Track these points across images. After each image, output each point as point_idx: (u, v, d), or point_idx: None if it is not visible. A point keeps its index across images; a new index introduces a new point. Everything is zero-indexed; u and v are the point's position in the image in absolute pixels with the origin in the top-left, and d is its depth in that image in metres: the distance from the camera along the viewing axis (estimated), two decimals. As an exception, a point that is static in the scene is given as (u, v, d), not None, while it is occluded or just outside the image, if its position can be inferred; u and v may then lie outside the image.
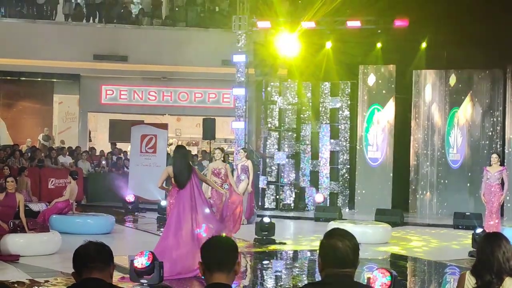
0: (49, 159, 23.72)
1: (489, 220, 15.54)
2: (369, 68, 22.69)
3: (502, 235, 4.74)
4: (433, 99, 22.26)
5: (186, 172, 11.27)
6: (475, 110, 21.82)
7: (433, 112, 22.27)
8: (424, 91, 22.38)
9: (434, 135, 22.21)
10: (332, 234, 3.77)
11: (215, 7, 28.50)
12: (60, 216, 16.41)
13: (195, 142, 30.62)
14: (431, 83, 22.32)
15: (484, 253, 4.63)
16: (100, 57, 26.72)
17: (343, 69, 23.57)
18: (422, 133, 22.36)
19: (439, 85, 22.22)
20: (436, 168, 22.13)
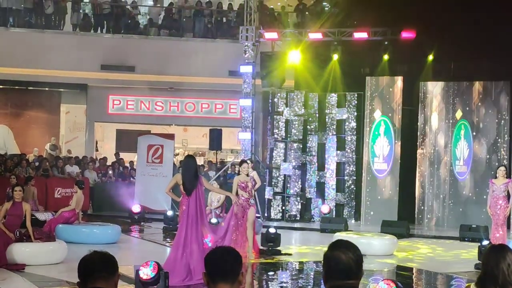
0: (56, 169, 23.77)
1: (495, 232, 15.49)
2: (376, 79, 22.69)
3: (507, 247, 4.71)
4: (440, 111, 22.25)
5: (193, 180, 11.93)
6: (482, 122, 21.78)
7: (439, 124, 22.25)
8: (431, 103, 22.37)
9: (441, 147, 22.18)
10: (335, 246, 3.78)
11: (222, 18, 28.57)
12: (66, 226, 16.44)
13: (202, 152, 30.65)
14: (438, 95, 22.30)
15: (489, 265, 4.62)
16: (108, 67, 26.80)
17: (350, 80, 23.59)
18: (428, 145, 22.33)
19: (446, 96, 22.20)
20: (443, 180, 22.09)
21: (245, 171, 15.02)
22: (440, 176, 22.14)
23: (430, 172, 22.26)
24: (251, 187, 15.01)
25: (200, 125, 28.63)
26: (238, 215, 14.56)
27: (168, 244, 17.37)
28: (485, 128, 21.75)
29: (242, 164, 15.44)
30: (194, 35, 27.70)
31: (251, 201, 14.82)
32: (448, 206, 22.02)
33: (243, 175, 14.99)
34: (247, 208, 14.64)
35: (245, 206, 14.60)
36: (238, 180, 15.00)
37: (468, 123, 21.90)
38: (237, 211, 14.56)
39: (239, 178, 15.08)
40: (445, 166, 22.08)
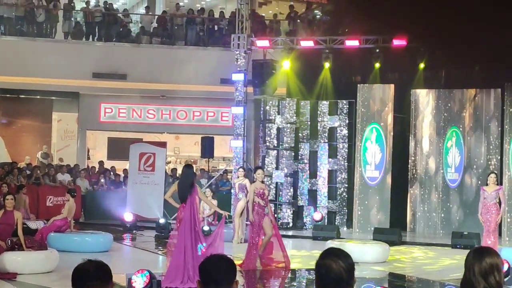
0: (48, 177, 23.73)
1: (486, 239, 15.55)
2: (367, 87, 22.74)
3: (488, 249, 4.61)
4: (431, 118, 22.31)
5: (188, 188, 12.37)
6: (473, 129, 21.86)
7: (431, 131, 22.31)
8: (423, 110, 22.44)
9: (432, 155, 22.24)
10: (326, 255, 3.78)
11: (214, 26, 28.60)
12: (58, 234, 16.40)
13: (194, 160, 30.62)
14: (430, 103, 22.37)
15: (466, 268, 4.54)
16: (99, 75, 26.79)
17: (341, 88, 23.66)
18: (420, 152, 22.39)
19: (437, 104, 22.28)
20: (434, 187, 22.15)
21: (260, 177, 14.75)
22: (432, 183, 22.19)
23: (422, 179, 22.31)
24: (268, 195, 14.81)
25: (192, 133, 28.63)
26: (255, 223, 14.36)
27: (160, 252, 17.35)
28: (476, 135, 21.82)
29: (257, 170, 15.15)
30: (186, 43, 27.72)
31: (266, 209, 14.55)
32: (440, 213, 22.06)
33: (259, 182, 14.68)
34: (263, 216, 14.43)
35: (261, 214, 14.39)
36: (254, 188, 14.65)
37: (459, 130, 21.97)
38: (253, 219, 14.36)
39: (255, 185, 14.70)
40: (437, 173, 22.14)
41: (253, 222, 14.38)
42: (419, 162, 22.37)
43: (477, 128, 21.81)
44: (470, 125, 21.89)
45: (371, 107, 22.51)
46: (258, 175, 14.74)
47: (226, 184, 25.06)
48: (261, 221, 14.34)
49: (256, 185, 14.64)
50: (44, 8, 27.31)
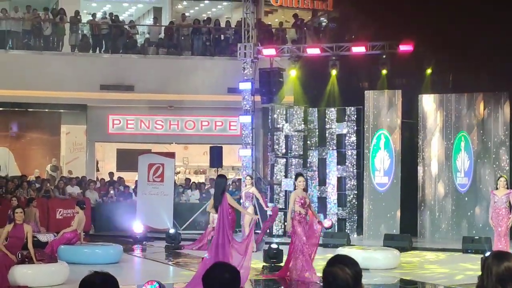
0: (57, 190, 23.77)
1: (498, 243, 15.49)
2: (375, 93, 22.72)
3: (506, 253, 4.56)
4: (439, 123, 22.27)
5: (219, 197, 13.11)
6: (481, 134, 21.80)
7: (439, 136, 22.26)
8: (430, 115, 22.39)
9: (441, 159, 22.18)
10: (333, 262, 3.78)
11: (220, 35, 28.65)
12: (68, 247, 16.42)
13: (203, 170, 30.64)
14: (437, 108, 22.33)
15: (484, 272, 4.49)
16: (107, 87, 26.83)
17: (349, 94, 23.63)
18: (429, 157, 22.34)
19: (445, 109, 22.23)
20: (444, 192, 22.08)
21: (301, 185, 14.23)
22: (442, 188, 22.12)
23: (432, 184, 22.25)
24: (308, 204, 14.31)
25: (201, 143, 28.62)
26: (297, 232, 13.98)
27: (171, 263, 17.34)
28: (485, 139, 21.75)
29: (297, 177, 14.57)
30: (192, 53, 27.75)
31: (307, 218, 14.18)
32: (450, 218, 21.99)
33: (300, 190, 14.18)
34: (305, 224, 14.07)
35: (303, 223, 14.02)
36: (296, 196, 14.19)
37: (468, 135, 21.91)
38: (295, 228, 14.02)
39: (296, 193, 14.23)
40: (446, 178, 22.07)
41: (295, 232, 13.98)
42: (428, 167, 22.31)
43: (486, 132, 21.74)
44: (479, 129, 21.82)
45: (379, 113, 22.48)
46: (300, 182, 14.24)
47: (235, 193, 24.98)
48: (304, 229, 13.97)
49: (298, 193, 14.18)
50: (51, 22, 27.41)
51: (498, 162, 21.51)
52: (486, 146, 21.71)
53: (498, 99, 21.69)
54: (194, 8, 32.66)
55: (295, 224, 13.98)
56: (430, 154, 22.32)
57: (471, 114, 21.98)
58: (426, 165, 22.34)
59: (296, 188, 14.39)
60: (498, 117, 21.62)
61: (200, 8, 32.70)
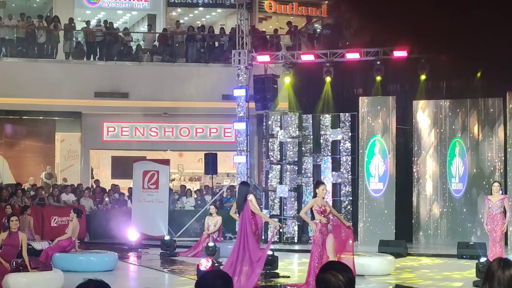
0: (52, 197, 23.73)
1: (492, 249, 15.50)
2: (369, 99, 22.74)
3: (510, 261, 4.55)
4: (434, 129, 22.30)
5: (241, 203, 13.80)
6: (475, 139, 21.83)
7: (434, 142, 22.29)
8: (425, 121, 22.42)
9: (436, 165, 22.20)
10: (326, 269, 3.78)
11: (214, 42, 28.68)
12: (63, 254, 16.38)
13: (198, 177, 30.64)
14: (432, 113, 22.36)
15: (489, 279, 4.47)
16: (101, 95, 26.83)
17: (343, 101, 23.67)
18: (424, 163, 22.36)
19: (439, 115, 22.26)
20: (439, 198, 22.10)
21: (322, 193, 13.53)
22: (436, 194, 22.14)
23: (426, 190, 22.27)
24: (328, 212, 13.52)
25: (195, 150, 28.65)
26: (318, 242, 13.32)
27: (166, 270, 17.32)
28: (479, 144, 21.79)
29: (319, 185, 13.75)
30: (187, 60, 27.78)
31: (329, 226, 13.46)
32: (445, 224, 22.01)
33: (320, 198, 13.47)
34: (326, 234, 13.34)
35: (324, 232, 13.32)
36: (314, 204, 13.48)
37: (462, 140, 21.95)
38: (316, 238, 13.39)
39: (315, 201, 13.49)
40: (441, 183, 22.09)
41: (315, 241, 13.41)
42: (423, 173, 22.33)
43: (480, 137, 21.78)
44: (473, 135, 21.86)
45: (373, 119, 22.51)
46: (322, 191, 13.56)
47: (230, 200, 25.04)
48: (325, 239, 13.28)
49: (317, 201, 13.46)
50: (45, 29, 27.42)
51: (492, 168, 21.53)
52: (480, 152, 21.73)
53: (492, 105, 21.71)
54: (188, 15, 32.70)
55: (316, 234, 13.39)
56: (424, 160, 22.35)
57: (466, 120, 22.01)
58: (420, 171, 22.36)
59: (316, 196, 13.59)
60: (492, 123, 21.65)
61: (194, 15, 32.75)
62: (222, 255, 17.85)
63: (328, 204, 13.83)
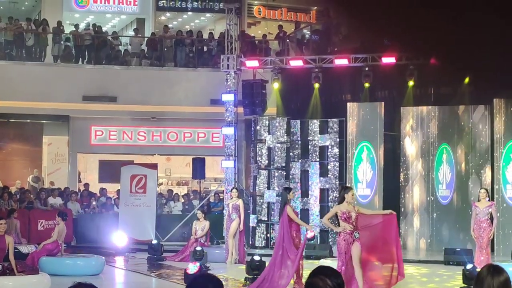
0: (39, 201, 23.65)
1: (479, 255, 15.57)
2: (357, 105, 22.79)
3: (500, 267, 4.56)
4: (421, 135, 22.36)
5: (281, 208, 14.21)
6: (463, 146, 21.91)
7: (422, 149, 22.34)
8: (413, 127, 22.49)
9: (423, 172, 22.26)
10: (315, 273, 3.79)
11: (203, 47, 28.68)
12: (49, 258, 16.33)
13: (185, 181, 30.61)
14: (419, 120, 22.42)
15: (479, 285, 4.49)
16: (90, 98, 26.76)
17: (331, 106, 23.71)
18: (411, 169, 22.41)
19: (427, 121, 22.33)
20: (426, 204, 22.15)
21: (352, 199, 12.65)
22: (424, 200, 22.19)
23: (414, 196, 22.32)
24: (356, 218, 12.55)
25: (183, 154, 28.61)
26: (341, 250, 12.60)
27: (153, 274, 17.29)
28: (466, 151, 21.85)
29: (348, 191, 12.84)
30: (175, 65, 27.77)
31: (355, 234, 12.48)
32: (432, 230, 22.06)
33: (345, 204, 12.57)
34: (351, 243, 12.48)
35: (348, 240, 12.49)
36: (338, 210, 12.66)
37: (449, 147, 22.02)
38: (339, 246, 12.70)
39: (339, 207, 12.64)
40: (428, 190, 22.15)
41: (339, 249, 12.75)
42: (410, 179, 22.38)
43: (467, 144, 21.85)
44: (460, 141, 21.93)
45: (361, 125, 22.55)
46: (352, 196, 12.71)
47: (218, 205, 25.04)
48: (349, 248, 12.46)
49: (341, 208, 12.62)
50: (33, 32, 27.35)
51: (480, 174, 21.61)
52: (468, 158, 21.81)
53: (480, 112, 21.79)
54: (177, 19, 32.71)
55: (340, 242, 12.64)
56: (412, 166, 22.40)
57: (453, 126, 22.08)
58: (408, 177, 22.41)
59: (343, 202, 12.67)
60: (480, 130, 21.73)
61: (183, 20, 32.76)
62: (210, 259, 17.86)
63: (356, 209, 12.68)
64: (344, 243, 12.49)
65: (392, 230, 12.98)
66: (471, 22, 18.07)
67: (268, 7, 31.76)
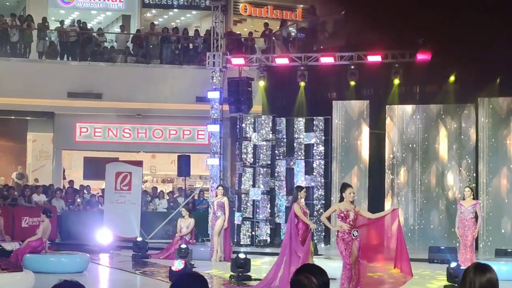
0: (23, 198, 23.53)
1: (464, 254, 15.63)
2: (343, 103, 22.82)
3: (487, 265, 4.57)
4: (407, 133, 22.40)
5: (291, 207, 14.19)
6: (448, 144, 21.97)
7: (407, 147, 22.39)
8: (398, 126, 22.52)
9: (409, 170, 22.31)
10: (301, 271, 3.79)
11: (189, 44, 28.63)
12: (33, 255, 16.25)
13: (170, 179, 30.56)
14: (405, 118, 22.47)
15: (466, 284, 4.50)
16: (75, 95, 26.65)
17: (317, 105, 23.73)
18: (396, 167, 22.46)
19: (412, 119, 22.37)
20: (412, 202, 22.21)
21: (350, 197, 12.20)
22: (409, 198, 22.25)
23: (399, 194, 22.36)
24: (354, 218, 12.11)
25: (168, 152, 28.55)
26: (341, 249, 12.13)
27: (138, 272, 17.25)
28: (452, 150, 21.92)
29: (346, 188, 12.38)
30: (161, 62, 27.70)
31: (353, 233, 12.05)
32: (417, 228, 22.11)
33: (345, 203, 12.19)
34: (350, 241, 12.05)
35: (346, 240, 12.06)
36: (337, 208, 12.33)
37: (434, 145, 22.07)
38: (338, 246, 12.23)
39: (339, 205, 12.32)
40: (413, 187, 22.20)
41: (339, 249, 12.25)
42: (395, 177, 22.43)
43: (452, 143, 21.93)
44: (446, 140, 22.00)
45: (347, 123, 22.58)
46: (350, 194, 12.23)
47: (203, 202, 25.02)
48: (348, 248, 12.04)
49: (340, 206, 12.27)
50: (18, 28, 27.20)
51: (464, 172, 21.69)
52: (452, 157, 21.88)
53: (464, 110, 21.86)
54: (163, 16, 32.62)
55: (339, 241, 12.17)
56: (397, 164, 22.44)
57: (438, 124, 22.15)
58: (393, 175, 22.46)
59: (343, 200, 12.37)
60: (465, 128, 21.80)
61: (169, 17, 32.68)
62: (195, 257, 17.84)
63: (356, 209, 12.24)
64: (342, 243, 12.07)
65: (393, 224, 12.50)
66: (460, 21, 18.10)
67: (254, 5, 31.73)
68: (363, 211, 12.67)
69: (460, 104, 21.95)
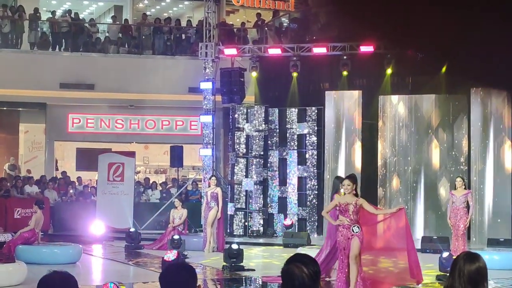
0: (15, 189, 23.50)
1: (455, 243, 15.69)
2: (335, 94, 22.81)
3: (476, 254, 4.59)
4: (399, 123, 22.42)
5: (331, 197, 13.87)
6: (441, 135, 22.00)
7: (399, 137, 22.41)
8: (390, 115, 22.53)
9: (401, 159, 22.33)
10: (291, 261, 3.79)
11: (181, 34, 28.57)
12: (26, 246, 16.24)
13: (163, 170, 30.55)
14: (397, 108, 22.48)
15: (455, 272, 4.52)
16: (67, 86, 26.59)
17: (309, 95, 23.73)
18: (389, 157, 22.48)
19: (405, 109, 22.38)
20: (404, 191, 22.24)
21: (348, 189, 11.63)
22: (402, 188, 22.28)
23: (391, 184, 22.39)
24: (354, 211, 11.54)
25: (161, 143, 28.54)
26: (340, 247, 11.66)
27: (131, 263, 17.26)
28: (444, 140, 21.95)
29: (343, 181, 11.98)
30: (153, 52, 27.64)
31: (353, 229, 11.49)
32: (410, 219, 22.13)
33: (346, 196, 11.71)
34: (350, 237, 11.53)
35: (346, 235, 11.54)
36: (338, 202, 11.78)
37: (427, 135, 22.10)
38: (337, 240, 11.79)
39: (339, 199, 11.81)
40: (406, 178, 22.22)
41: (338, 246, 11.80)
42: (388, 167, 22.46)
43: (445, 133, 21.95)
44: (438, 130, 22.02)
45: (339, 113, 22.58)
46: (348, 186, 11.64)
47: (195, 193, 25.02)
48: (347, 244, 11.51)
49: (340, 199, 11.77)
50: (10, 19, 27.09)
51: (456, 163, 21.73)
52: (445, 147, 21.91)
53: (457, 100, 21.89)
54: (155, 7, 32.56)
55: (338, 237, 11.72)
56: (390, 154, 22.46)
57: (431, 115, 22.16)
58: (386, 165, 22.48)
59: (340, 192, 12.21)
60: (458, 119, 21.84)
61: (161, 7, 32.62)
62: (188, 248, 17.85)
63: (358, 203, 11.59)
64: (342, 239, 11.54)
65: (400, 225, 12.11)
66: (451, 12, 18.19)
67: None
68: (366, 205, 11.68)
69: (452, 95, 21.95)
